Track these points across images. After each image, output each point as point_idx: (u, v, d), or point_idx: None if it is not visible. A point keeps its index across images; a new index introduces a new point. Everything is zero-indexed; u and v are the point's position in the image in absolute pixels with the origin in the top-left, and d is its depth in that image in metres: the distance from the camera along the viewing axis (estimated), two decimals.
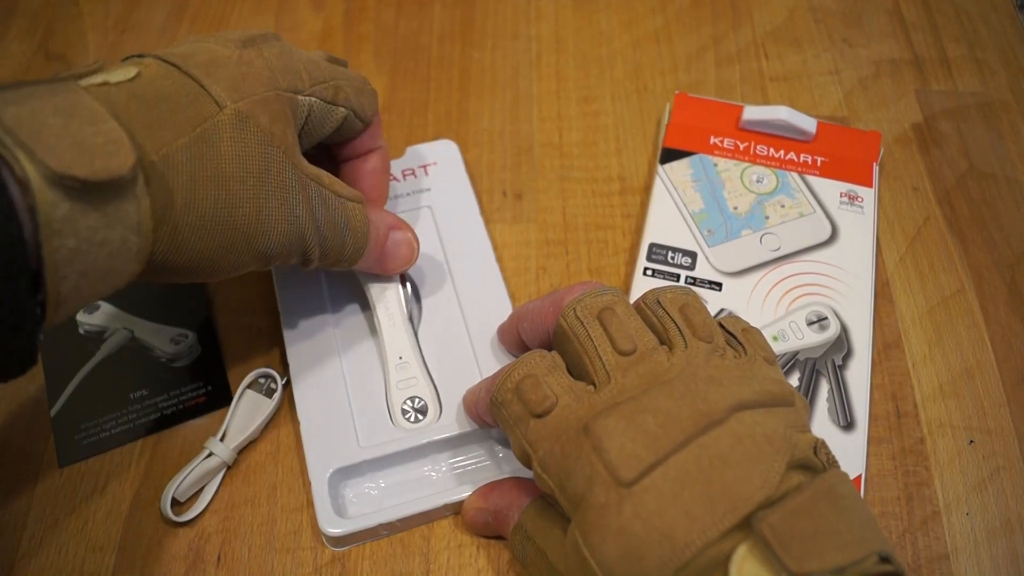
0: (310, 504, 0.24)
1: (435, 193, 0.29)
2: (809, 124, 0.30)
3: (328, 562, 0.24)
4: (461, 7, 0.37)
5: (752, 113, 0.30)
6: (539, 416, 0.18)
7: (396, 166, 0.30)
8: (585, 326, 0.19)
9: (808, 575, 0.13)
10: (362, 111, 0.22)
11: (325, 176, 0.21)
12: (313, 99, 0.21)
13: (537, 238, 0.30)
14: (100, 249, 0.15)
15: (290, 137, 0.20)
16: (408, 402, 0.24)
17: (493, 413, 0.20)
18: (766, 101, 0.34)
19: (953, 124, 0.33)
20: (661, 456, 0.15)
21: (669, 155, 0.30)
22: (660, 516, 0.15)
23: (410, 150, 0.30)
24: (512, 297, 0.27)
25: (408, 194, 0.29)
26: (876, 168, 0.30)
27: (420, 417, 0.24)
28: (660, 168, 0.30)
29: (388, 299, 0.25)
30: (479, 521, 0.22)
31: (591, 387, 0.18)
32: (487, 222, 0.29)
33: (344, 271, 0.25)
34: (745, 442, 0.15)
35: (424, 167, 0.30)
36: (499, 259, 0.28)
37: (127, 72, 0.18)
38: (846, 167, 0.30)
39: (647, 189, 0.31)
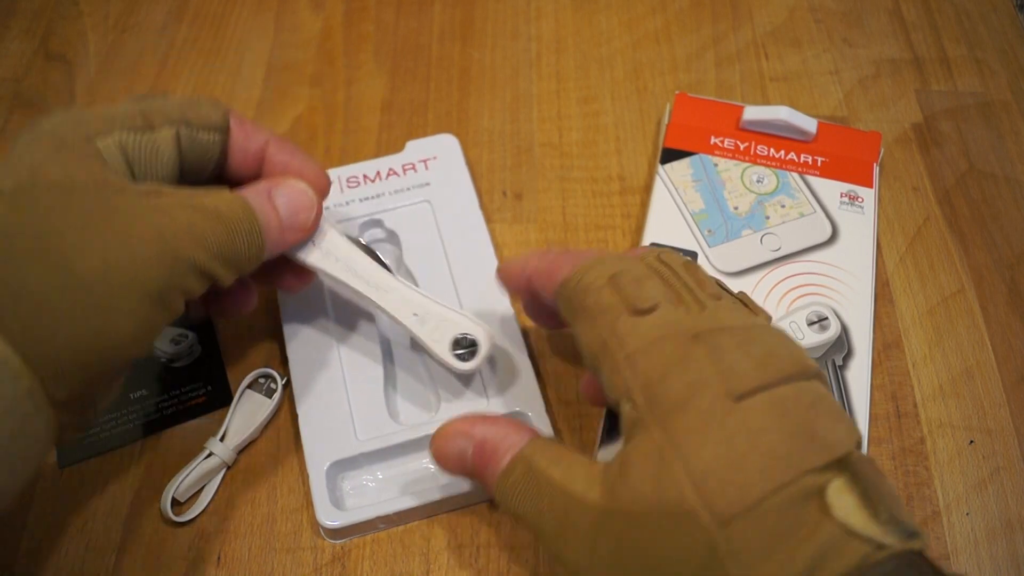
0: (310, 504, 0.24)
1: (435, 187, 0.29)
2: (809, 124, 0.30)
3: (328, 562, 0.24)
4: (461, 7, 0.37)
5: (752, 113, 0.30)
6: (639, 312, 0.17)
7: (396, 161, 0.30)
8: (672, 267, 0.18)
9: (897, 520, 0.13)
10: (202, 120, 0.20)
11: (166, 187, 0.19)
12: (122, 134, 0.18)
13: (537, 238, 0.30)
14: None
15: (99, 174, 0.18)
16: (455, 346, 0.23)
17: (566, 295, 0.18)
18: (766, 101, 0.34)
19: (953, 124, 0.33)
20: (769, 383, 0.15)
21: (669, 155, 0.30)
22: (765, 435, 0.14)
23: (410, 144, 0.30)
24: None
25: (408, 189, 0.29)
26: (876, 168, 0.30)
27: (472, 354, 0.23)
28: (660, 168, 0.30)
29: (357, 269, 0.23)
30: (453, 451, 0.19)
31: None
32: (487, 221, 0.29)
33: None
34: (828, 399, 0.16)
35: (424, 161, 0.30)
36: (499, 259, 0.29)
37: None
38: (846, 167, 0.30)
39: (647, 189, 0.31)
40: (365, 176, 0.30)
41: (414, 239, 0.28)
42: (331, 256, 0.23)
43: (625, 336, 0.16)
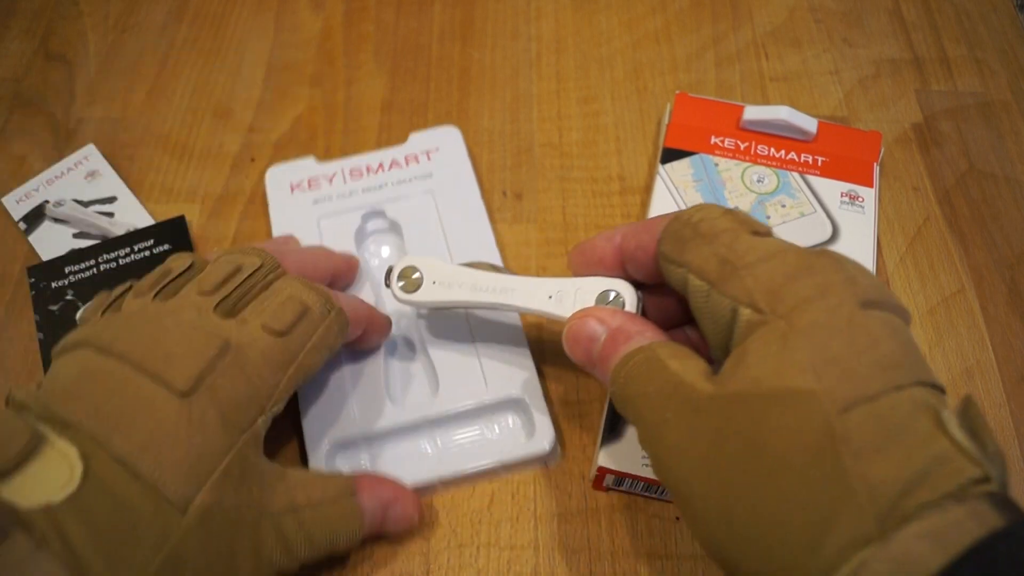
0: None
1: (437, 179, 0.29)
2: (810, 124, 0.30)
3: (328, 562, 0.24)
4: (461, 7, 0.37)
5: (753, 113, 0.30)
6: (758, 234, 0.18)
7: (399, 152, 0.30)
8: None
9: (1001, 459, 0.14)
10: (335, 338, 0.21)
11: (300, 494, 0.19)
12: (278, 407, 0.19)
13: (537, 238, 0.30)
14: None
15: (255, 489, 0.18)
16: (602, 299, 0.21)
17: (676, 228, 0.18)
18: (766, 101, 0.34)
19: (953, 124, 0.33)
20: (884, 303, 0.16)
21: (670, 155, 0.30)
22: (885, 342, 0.15)
23: (413, 136, 0.31)
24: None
25: (410, 180, 0.29)
26: (876, 168, 0.30)
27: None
28: (661, 168, 0.30)
29: (477, 284, 0.23)
30: (587, 332, 0.19)
31: None
32: (488, 213, 0.29)
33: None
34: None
35: (427, 153, 0.30)
36: (500, 250, 0.29)
37: (66, 477, 0.15)
38: (847, 167, 0.30)
39: (647, 189, 0.31)
40: (368, 167, 0.30)
41: (416, 230, 0.28)
42: (446, 287, 0.23)
43: (747, 250, 0.17)
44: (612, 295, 0.21)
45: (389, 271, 0.24)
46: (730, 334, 0.16)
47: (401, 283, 0.23)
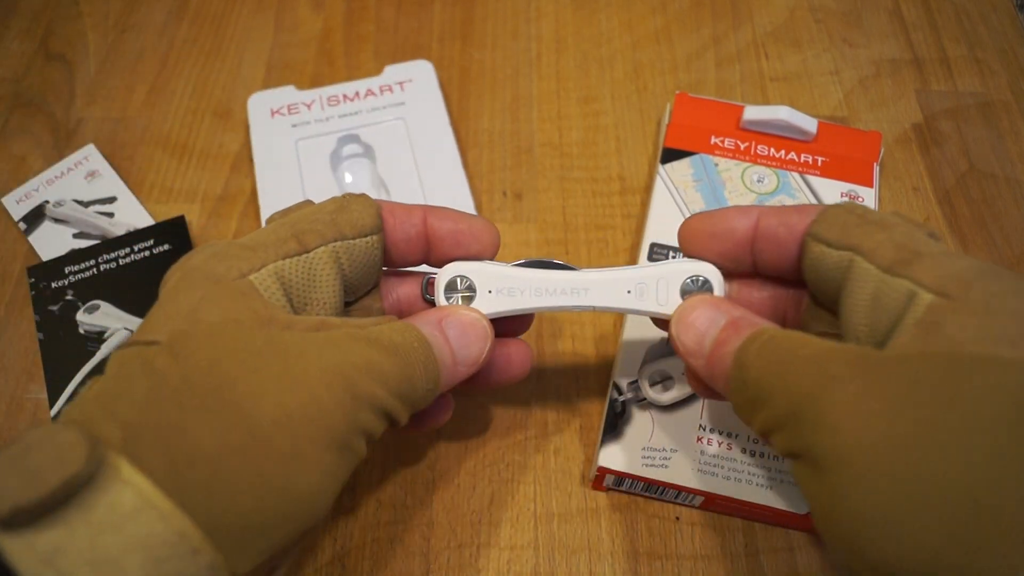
0: None
1: (409, 107, 0.32)
2: (810, 124, 0.30)
3: (328, 561, 0.24)
4: (461, 7, 0.37)
5: (753, 113, 0.30)
6: (931, 236, 0.17)
7: (374, 83, 0.33)
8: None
9: None
10: (355, 226, 0.18)
11: (332, 318, 0.17)
12: (277, 264, 0.17)
13: (537, 238, 0.30)
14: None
15: (262, 311, 0.16)
16: (688, 286, 0.19)
17: (835, 215, 0.17)
18: (766, 101, 0.34)
19: (953, 124, 0.33)
20: None
21: (670, 155, 0.30)
22: None
23: (388, 68, 0.33)
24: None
25: (384, 107, 0.32)
26: (876, 168, 0.30)
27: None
28: (661, 168, 0.30)
29: (547, 287, 0.20)
30: (704, 319, 0.18)
31: None
32: (458, 145, 0.30)
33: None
34: None
35: (400, 84, 0.32)
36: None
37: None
38: (847, 167, 0.30)
39: (647, 189, 0.31)
40: (344, 96, 0.32)
41: (388, 154, 0.31)
42: (507, 295, 0.20)
43: (926, 243, 0.16)
44: (700, 280, 0.19)
45: (429, 283, 0.20)
46: (896, 321, 0.15)
47: (450, 298, 0.20)
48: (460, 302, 0.19)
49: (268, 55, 0.36)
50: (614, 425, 0.24)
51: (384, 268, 0.20)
